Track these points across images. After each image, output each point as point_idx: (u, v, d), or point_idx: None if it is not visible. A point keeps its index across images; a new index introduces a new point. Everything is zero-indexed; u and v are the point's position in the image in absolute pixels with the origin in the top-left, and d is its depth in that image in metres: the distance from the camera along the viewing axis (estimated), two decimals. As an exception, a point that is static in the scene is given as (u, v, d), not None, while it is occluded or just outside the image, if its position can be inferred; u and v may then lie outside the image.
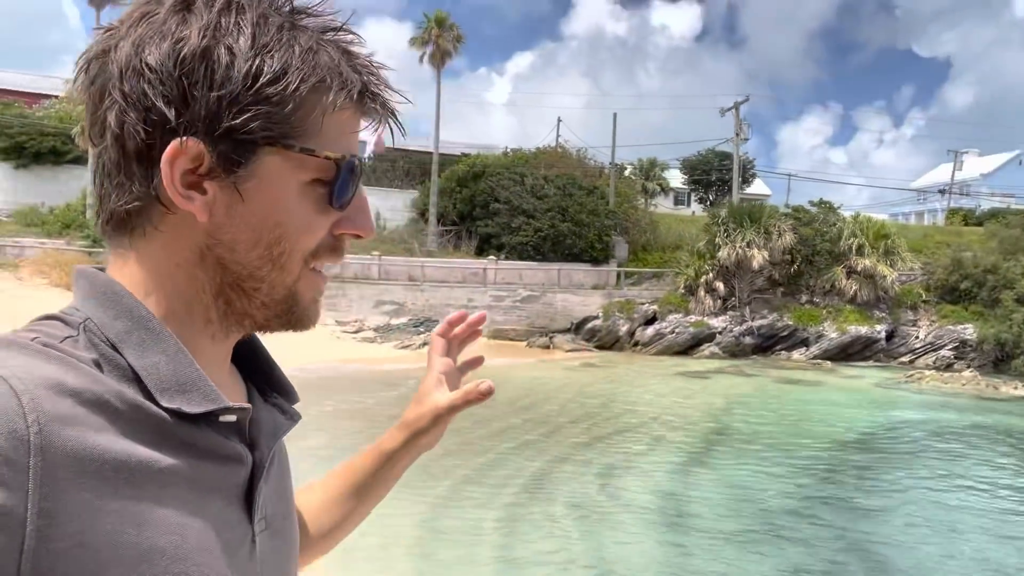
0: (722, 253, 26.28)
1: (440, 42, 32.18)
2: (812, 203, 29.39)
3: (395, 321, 26.06)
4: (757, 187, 55.47)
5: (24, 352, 0.54)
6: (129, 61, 0.58)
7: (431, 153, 34.01)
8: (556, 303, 28.43)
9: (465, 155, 36.36)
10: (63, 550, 0.49)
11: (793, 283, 27.39)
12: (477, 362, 1.00)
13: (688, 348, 25.95)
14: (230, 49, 0.58)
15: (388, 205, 35.69)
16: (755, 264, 25.97)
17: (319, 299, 0.69)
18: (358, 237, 0.68)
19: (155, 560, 0.54)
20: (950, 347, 25.43)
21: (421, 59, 33.53)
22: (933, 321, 26.39)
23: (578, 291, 28.95)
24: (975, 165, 60.25)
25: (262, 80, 0.58)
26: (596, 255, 30.85)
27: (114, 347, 0.59)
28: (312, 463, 6.22)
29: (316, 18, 0.64)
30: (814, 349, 25.85)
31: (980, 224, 36.00)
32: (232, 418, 0.63)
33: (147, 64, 0.58)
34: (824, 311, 26.58)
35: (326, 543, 0.96)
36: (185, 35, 0.58)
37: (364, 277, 28.74)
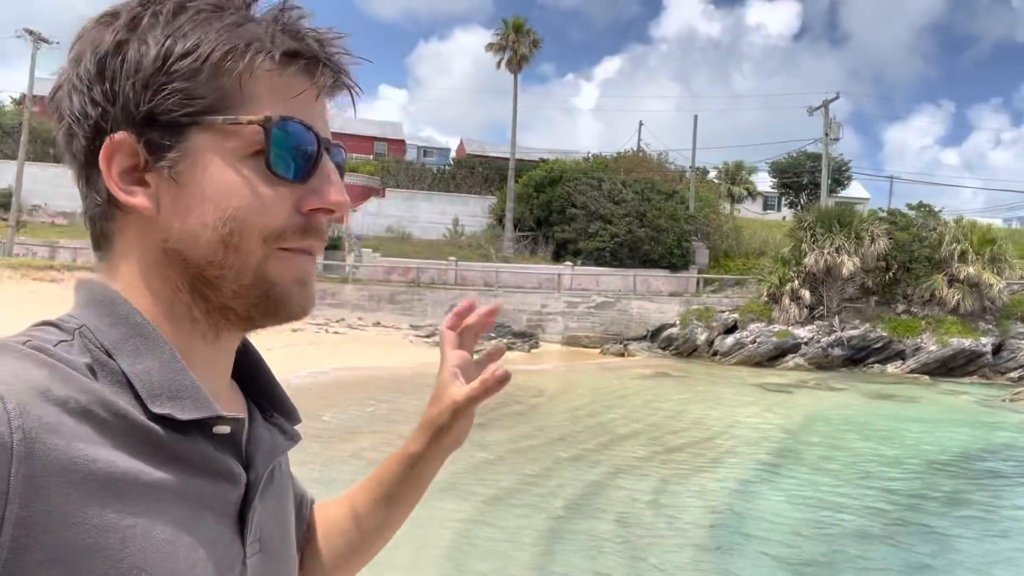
0: (808, 259, 24.98)
1: (517, 47, 32.21)
2: (910, 206, 27.55)
3: (468, 326, 26.08)
4: (854, 190, 52.75)
5: (13, 356, 0.53)
6: (68, 79, 0.61)
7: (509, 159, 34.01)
8: (631, 310, 27.79)
9: (543, 161, 36.19)
10: (38, 562, 0.47)
11: (888, 292, 25.70)
12: (498, 353, 0.93)
13: (771, 359, 24.76)
14: (143, 39, 0.59)
15: (467, 211, 36.01)
16: (845, 271, 24.53)
17: (306, 284, 0.65)
18: (330, 213, 0.64)
19: None
20: (1066, 363, 23.18)
21: (499, 64, 33.67)
22: (1047, 334, 24.15)
23: (655, 298, 28.21)
24: (1103, 164, 55.07)
25: (172, 58, 0.58)
26: (675, 261, 30.01)
27: (108, 354, 0.58)
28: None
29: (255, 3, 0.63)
30: (911, 362, 24.12)
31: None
32: (226, 429, 0.61)
33: (78, 76, 0.60)
34: (923, 322, 24.79)
35: (358, 558, 0.93)
36: (104, 38, 0.60)
37: (441, 282, 29.03)
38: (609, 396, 17.03)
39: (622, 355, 25.33)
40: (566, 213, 31.30)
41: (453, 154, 54.96)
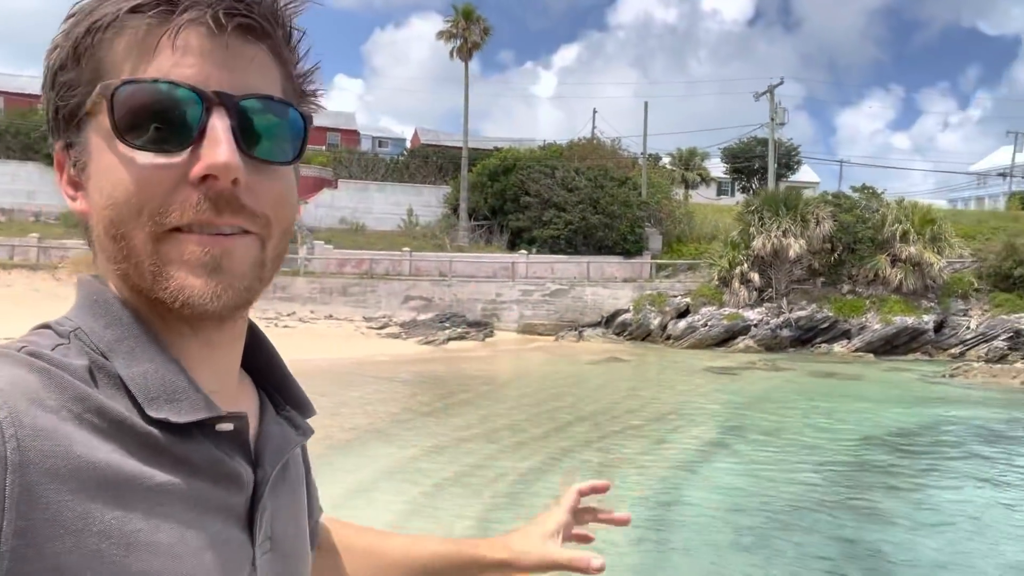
0: (756, 243, 25.39)
1: (468, 34, 31.97)
2: (854, 188, 28.15)
3: (422, 317, 25.96)
4: (804, 174, 53.71)
5: (7, 363, 0.52)
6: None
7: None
8: (586, 297, 27.93)
9: (497, 149, 36.07)
10: (41, 571, 0.46)
11: (834, 273, 26.26)
12: (587, 540, 0.99)
13: (722, 341, 25.14)
14: (57, 44, 0.59)
15: (421, 201, 35.73)
16: (792, 253, 24.99)
17: (215, 267, 0.56)
18: (213, 179, 0.55)
19: None
20: (1003, 337, 23.97)
21: (451, 53, 33.38)
22: (985, 310, 24.95)
23: (609, 284, 28.40)
24: (1039, 146, 57.03)
25: (56, 51, 0.58)
26: (629, 247, 30.22)
27: (105, 356, 0.57)
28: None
29: None
30: (856, 341, 24.72)
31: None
32: (229, 427, 0.59)
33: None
34: (867, 301, 25.41)
35: None
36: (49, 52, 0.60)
37: (396, 273, 28.78)
38: (561, 382, 17.10)
39: (577, 341, 25.48)
40: (520, 202, 31.27)
41: (408, 144, 54.46)
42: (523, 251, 30.02)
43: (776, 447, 11.50)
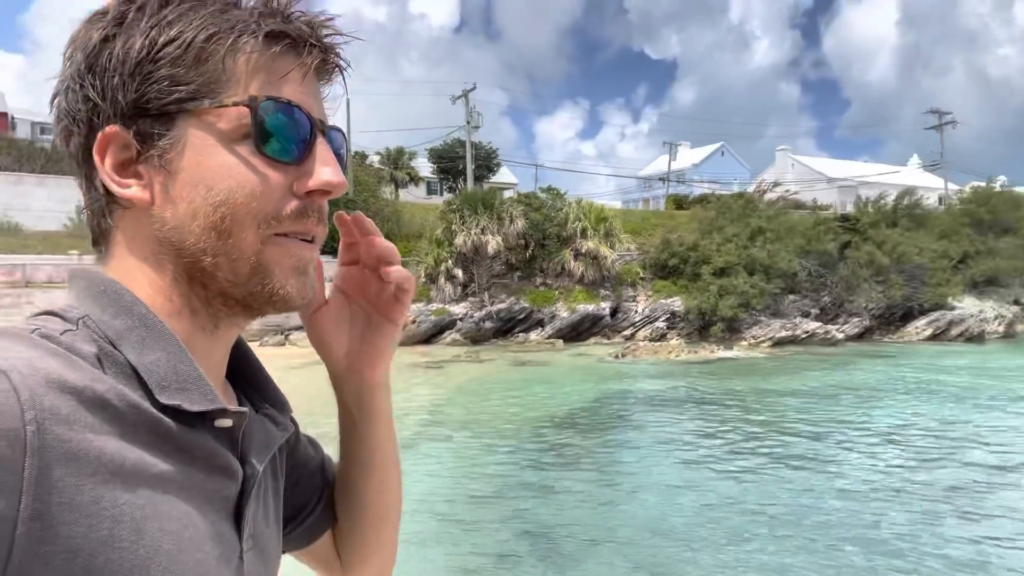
0: (459, 240, 26.48)
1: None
2: (542, 190, 30.73)
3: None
4: (504, 176, 57.47)
5: (24, 344, 0.52)
6: (63, 81, 0.62)
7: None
8: (291, 299, 26.77)
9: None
10: (53, 554, 0.47)
11: (528, 267, 28.43)
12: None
13: (431, 336, 25.81)
14: (130, 33, 0.59)
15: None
16: (491, 249, 26.51)
17: (305, 272, 0.65)
18: (326, 194, 0.64)
19: (151, 570, 0.52)
20: (663, 319, 28.03)
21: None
22: (649, 296, 28.92)
23: (316, 285, 27.52)
24: (687, 156, 67.96)
25: (156, 47, 0.59)
26: (336, 246, 29.53)
27: (113, 344, 0.58)
28: None
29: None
30: (548, 329, 27.05)
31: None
32: (228, 423, 0.61)
33: (70, 75, 0.61)
34: (556, 292, 27.93)
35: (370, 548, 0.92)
36: (92, 36, 0.60)
37: (60, 281, 24.74)
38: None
39: (283, 345, 24.28)
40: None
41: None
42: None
43: (468, 438, 12.01)
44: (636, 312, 28.54)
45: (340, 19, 0.66)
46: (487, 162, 48.52)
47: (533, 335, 27.03)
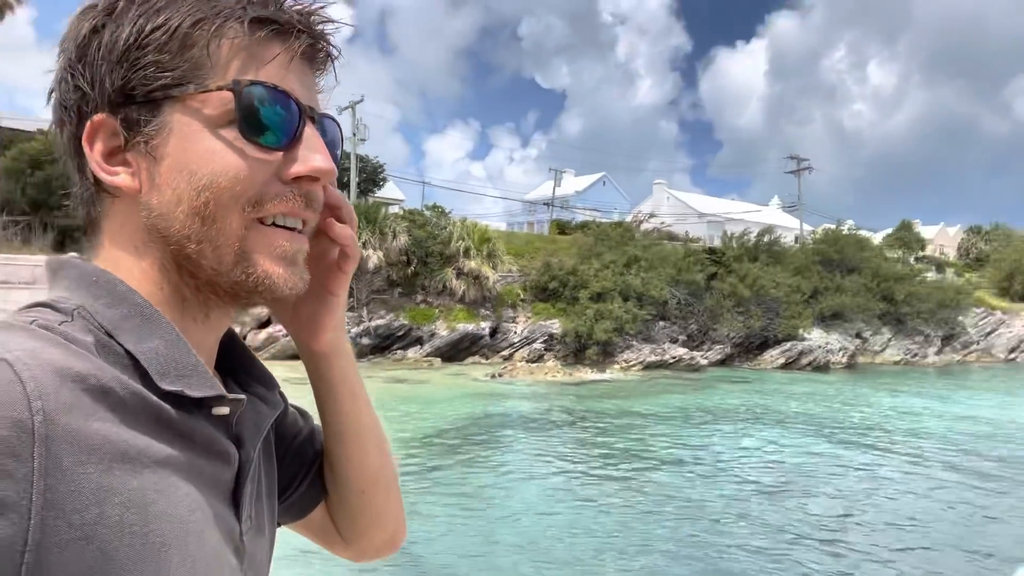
0: (339, 253, 25.90)
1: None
2: (427, 207, 30.68)
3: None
4: (390, 191, 56.86)
5: (25, 335, 0.53)
6: (57, 75, 0.63)
7: (-10, 124, 27.69)
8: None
9: (42, 132, 30.37)
10: (68, 542, 0.48)
11: (410, 284, 28.20)
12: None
13: (304, 351, 25.00)
14: (118, 22, 0.60)
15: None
16: (371, 264, 26.09)
17: (293, 260, 0.64)
18: (313, 180, 0.64)
19: (161, 553, 0.53)
20: (541, 340, 28.57)
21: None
22: (528, 317, 29.40)
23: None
24: (571, 183, 70.04)
25: (143, 34, 0.59)
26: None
27: (109, 334, 0.58)
28: None
29: None
30: (427, 347, 26.90)
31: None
32: (225, 410, 0.62)
33: (62, 67, 0.62)
34: (437, 310, 27.85)
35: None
36: (83, 27, 0.61)
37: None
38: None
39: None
40: (71, 196, 26.79)
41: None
42: (74, 254, 25.70)
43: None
44: (515, 333, 28.93)
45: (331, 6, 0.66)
46: (373, 176, 47.89)
47: (411, 353, 26.78)
